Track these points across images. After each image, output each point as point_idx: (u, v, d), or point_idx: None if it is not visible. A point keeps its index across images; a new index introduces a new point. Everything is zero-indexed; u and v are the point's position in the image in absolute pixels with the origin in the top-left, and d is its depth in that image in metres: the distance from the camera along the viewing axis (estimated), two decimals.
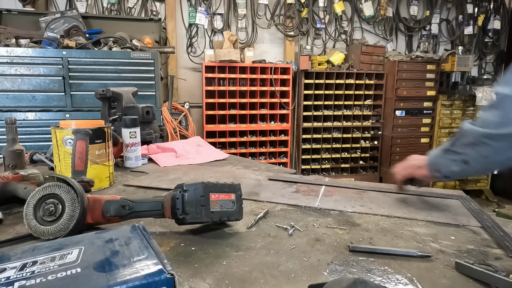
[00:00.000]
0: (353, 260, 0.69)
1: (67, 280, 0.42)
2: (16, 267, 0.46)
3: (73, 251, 0.50)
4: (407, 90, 4.73)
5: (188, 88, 4.64)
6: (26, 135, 2.97)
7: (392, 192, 1.16)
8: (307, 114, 4.76)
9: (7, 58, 2.95)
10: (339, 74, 4.68)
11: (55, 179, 0.76)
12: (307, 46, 4.84)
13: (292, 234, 0.81)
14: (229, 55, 4.20)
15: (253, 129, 4.53)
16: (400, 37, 5.36)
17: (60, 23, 3.50)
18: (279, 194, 1.14)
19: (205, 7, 4.49)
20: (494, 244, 0.77)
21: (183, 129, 4.00)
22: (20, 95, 3.04)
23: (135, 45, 3.40)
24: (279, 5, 4.72)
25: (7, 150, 1.26)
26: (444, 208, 1.01)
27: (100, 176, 1.14)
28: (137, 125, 1.45)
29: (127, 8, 4.31)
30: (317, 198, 1.11)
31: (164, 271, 0.43)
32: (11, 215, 0.92)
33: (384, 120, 4.97)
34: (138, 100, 1.86)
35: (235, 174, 1.41)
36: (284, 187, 1.23)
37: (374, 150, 5.04)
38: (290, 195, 1.14)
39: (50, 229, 0.71)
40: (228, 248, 0.73)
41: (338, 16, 4.98)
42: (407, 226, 0.87)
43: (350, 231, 0.83)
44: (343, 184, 1.27)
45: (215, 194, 0.78)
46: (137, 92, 1.93)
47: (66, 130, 1.08)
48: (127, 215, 0.76)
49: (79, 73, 3.12)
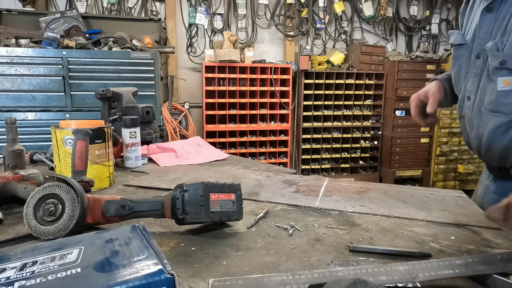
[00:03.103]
0: (353, 260, 0.69)
1: (67, 280, 0.42)
2: (16, 267, 0.46)
3: (73, 251, 0.50)
4: (407, 90, 4.73)
5: (188, 88, 4.64)
6: (26, 135, 2.98)
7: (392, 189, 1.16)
8: (307, 114, 4.76)
9: (7, 58, 2.95)
10: (339, 74, 4.68)
11: (55, 179, 0.76)
12: (307, 46, 4.84)
13: (292, 234, 0.81)
14: (229, 55, 4.20)
15: (253, 129, 4.53)
16: (400, 37, 5.37)
17: (60, 23, 3.51)
18: (279, 194, 1.14)
19: (205, 7, 4.50)
20: (494, 244, 0.77)
21: (183, 129, 4.00)
22: (20, 95, 3.04)
23: (135, 45, 3.40)
24: (279, 5, 4.73)
25: (7, 150, 1.26)
26: (444, 208, 1.01)
27: (100, 176, 1.14)
28: (137, 125, 1.45)
29: (127, 8, 4.31)
30: (317, 198, 1.11)
31: (164, 271, 0.43)
32: (11, 215, 0.92)
33: (384, 120, 4.98)
34: (138, 100, 1.86)
35: (235, 174, 1.41)
36: (284, 187, 1.23)
37: (374, 150, 5.04)
38: (290, 195, 1.14)
39: (50, 229, 0.71)
40: (228, 248, 0.73)
41: (338, 16, 4.99)
42: (407, 226, 0.87)
43: (350, 231, 0.83)
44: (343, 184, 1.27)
45: (215, 194, 0.78)
46: (137, 92, 1.93)
47: (66, 130, 1.08)
48: (127, 215, 0.76)
49: (79, 73, 3.12)
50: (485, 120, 1.00)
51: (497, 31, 0.94)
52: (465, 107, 1.09)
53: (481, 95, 1.01)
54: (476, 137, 1.06)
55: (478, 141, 1.05)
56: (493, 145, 1.00)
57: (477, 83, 1.02)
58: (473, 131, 1.06)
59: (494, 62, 0.93)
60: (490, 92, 0.97)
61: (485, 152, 1.04)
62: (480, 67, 1.00)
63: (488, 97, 0.98)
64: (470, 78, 1.04)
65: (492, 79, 0.96)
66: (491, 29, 0.96)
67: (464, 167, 4.88)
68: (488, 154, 1.04)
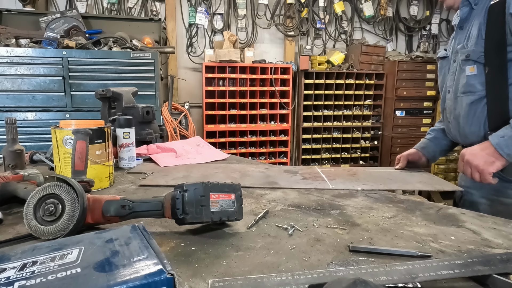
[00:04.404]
0: (353, 260, 0.69)
1: (67, 280, 0.42)
2: (16, 267, 0.46)
3: (73, 251, 0.50)
4: (407, 90, 4.73)
5: (188, 88, 4.64)
6: (26, 135, 2.97)
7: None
8: (307, 114, 4.76)
9: (7, 58, 2.95)
10: (339, 74, 4.68)
11: (55, 179, 0.76)
12: (307, 46, 4.84)
13: (292, 234, 0.81)
14: (229, 55, 4.20)
15: (253, 129, 4.53)
16: (400, 37, 5.37)
17: (60, 23, 3.51)
18: (292, 181, 1.26)
19: (205, 7, 4.50)
20: (494, 244, 0.77)
21: (183, 129, 4.00)
22: (20, 95, 3.04)
23: (135, 45, 3.40)
24: (279, 5, 4.72)
25: (7, 150, 1.26)
26: (420, 180, 1.32)
27: (100, 176, 1.14)
28: (131, 125, 1.44)
29: (127, 8, 4.31)
30: (325, 181, 1.25)
31: (164, 271, 0.43)
32: (11, 215, 0.92)
33: (384, 120, 4.97)
34: (138, 100, 1.86)
35: (239, 169, 1.46)
36: (290, 175, 1.34)
37: (374, 150, 5.04)
38: (301, 181, 1.25)
39: (50, 229, 0.71)
40: (228, 248, 0.73)
41: (338, 16, 4.99)
42: (407, 226, 0.87)
43: (350, 231, 0.83)
44: (337, 168, 1.51)
45: (215, 194, 0.78)
46: (137, 92, 1.93)
47: (66, 130, 1.08)
48: (127, 215, 0.76)
49: (79, 73, 3.12)
50: (459, 102, 1.33)
51: (464, 39, 1.32)
52: (447, 99, 1.42)
53: (456, 84, 1.35)
54: (454, 119, 1.37)
55: (456, 123, 1.36)
56: (468, 120, 1.29)
57: (453, 78, 1.37)
58: (452, 115, 1.38)
59: (462, 56, 1.29)
60: (462, 79, 1.30)
61: (462, 130, 1.33)
62: (455, 67, 1.36)
63: (461, 83, 1.31)
64: (449, 77, 1.40)
65: (462, 69, 1.30)
66: (461, 40, 1.34)
67: None
68: (464, 131, 1.33)
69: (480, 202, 1.31)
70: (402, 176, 1.40)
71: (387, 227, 0.86)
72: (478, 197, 1.33)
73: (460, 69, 1.31)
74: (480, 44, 1.23)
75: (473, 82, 1.26)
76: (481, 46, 1.23)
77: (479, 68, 1.24)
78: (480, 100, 1.25)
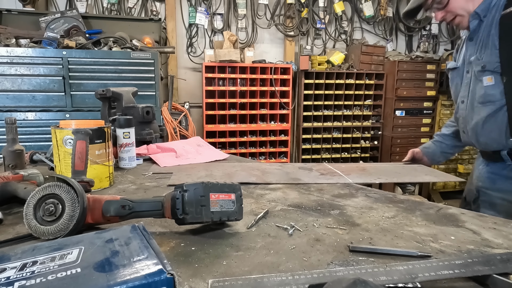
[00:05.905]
0: (353, 260, 0.69)
1: (67, 280, 0.42)
2: (16, 267, 0.46)
3: (73, 251, 0.50)
4: (407, 90, 4.73)
5: (188, 88, 4.64)
6: (26, 135, 2.97)
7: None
8: (307, 114, 4.76)
9: (7, 58, 2.95)
10: (339, 74, 4.68)
11: (55, 179, 0.76)
12: (307, 46, 4.84)
13: (292, 234, 0.81)
14: (229, 55, 4.20)
15: (253, 129, 4.53)
16: (400, 37, 5.37)
17: (60, 23, 3.50)
18: (313, 177, 1.29)
19: (205, 7, 4.50)
20: (494, 244, 0.77)
21: (183, 129, 4.00)
22: (20, 95, 3.04)
23: (135, 45, 3.40)
24: (279, 5, 4.72)
25: (7, 150, 1.26)
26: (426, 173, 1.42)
27: (100, 176, 1.14)
28: (131, 125, 1.44)
29: (127, 8, 4.31)
30: (343, 177, 1.28)
31: (164, 271, 0.43)
32: (11, 215, 0.92)
33: (384, 120, 4.97)
34: (138, 100, 1.86)
35: (262, 166, 1.47)
36: (308, 172, 1.37)
37: (374, 150, 5.04)
38: (322, 177, 1.29)
39: (50, 229, 0.71)
40: (228, 248, 0.73)
41: (338, 16, 4.99)
42: (407, 226, 0.87)
43: (350, 231, 0.83)
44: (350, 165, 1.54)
45: (215, 194, 0.78)
46: (137, 92, 1.93)
47: (66, 130, 1.08)
48: (127, 215, 0.76)
49: (79, 73, 3.12)
50: (477, 112, 1.36)
51: (476, 50, 1.36)
52: (460, 109, 1.46)
53: (472, 95, 1.38)
54: (471, 129, 1.40)
55: (473, 132, 1.39)
56: (487, 129, 1.34)
57: (468, 89, 1.41)
58: (468, 125, 1.41)
59: (477, 67, 1.33)
60: (479, 89, 1.34)
61: (481, 139, 1.37)
62: (469, 78, 1.40)
63: (478, 94, 1.35)
64: (463, 87, 1.44)
65: (479, 80, 1.33)
66: (473, 51, 1.37)
67: (464, 167, 4.88)
68: (482, 139, 1.37)
69: (501, 203, 1.36)
70: (408, 170, 1.46)
71: (387, 227, 0.86)
72: (496, 198, 1.37)
73: (475, 80, 1.35)
74: (494, 54, 1.27)
75: (493, 92, 1.30)
76: (495, 56, 1.27)
77: (497, 78, 1.28)
78: (500, 108, 1.30)
